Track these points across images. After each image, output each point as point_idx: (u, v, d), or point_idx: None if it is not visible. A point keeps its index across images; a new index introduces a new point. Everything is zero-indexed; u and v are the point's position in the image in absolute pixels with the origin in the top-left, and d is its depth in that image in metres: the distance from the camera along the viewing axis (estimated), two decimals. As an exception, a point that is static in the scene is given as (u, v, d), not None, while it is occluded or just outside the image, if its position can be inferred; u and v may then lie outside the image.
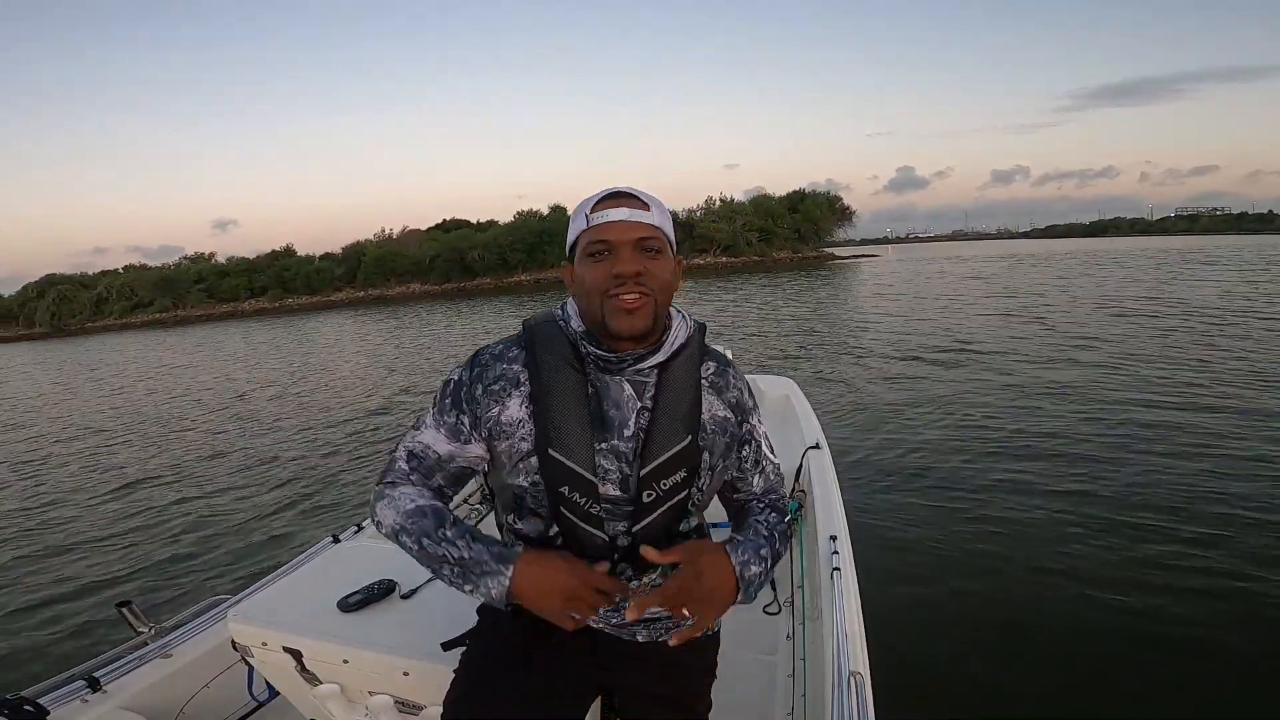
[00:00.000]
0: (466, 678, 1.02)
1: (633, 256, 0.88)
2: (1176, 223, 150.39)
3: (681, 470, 0.94)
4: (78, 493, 6.18)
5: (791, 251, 52.25)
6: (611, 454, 0.93)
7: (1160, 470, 4.32)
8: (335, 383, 11.13)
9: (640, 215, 0.89)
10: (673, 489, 0.95)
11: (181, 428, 8.77)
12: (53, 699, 1.36)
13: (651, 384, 0.95)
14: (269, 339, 22.85)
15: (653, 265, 0.89)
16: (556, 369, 0.93)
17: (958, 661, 2.58)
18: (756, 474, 1.06)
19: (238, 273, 54.54)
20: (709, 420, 0.98)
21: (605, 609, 1.00)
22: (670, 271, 0.92)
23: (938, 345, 9.90)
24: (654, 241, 0.90)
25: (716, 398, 1.00)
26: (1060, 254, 41.71)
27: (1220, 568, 3.12)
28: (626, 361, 0.93)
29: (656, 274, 0.89)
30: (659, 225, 0.91)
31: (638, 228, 0.89)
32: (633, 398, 0.94)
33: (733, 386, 1.02)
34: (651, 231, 0.90)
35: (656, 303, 0.90)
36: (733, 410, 1.01)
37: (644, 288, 0.88)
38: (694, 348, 0.99)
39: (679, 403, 0.95)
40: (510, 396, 0.93)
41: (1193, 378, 6.81)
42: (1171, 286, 16.64)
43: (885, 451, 5.07)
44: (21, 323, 52.54)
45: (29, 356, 28.75)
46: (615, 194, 0.91)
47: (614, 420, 0.93)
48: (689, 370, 0.97)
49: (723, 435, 0.99)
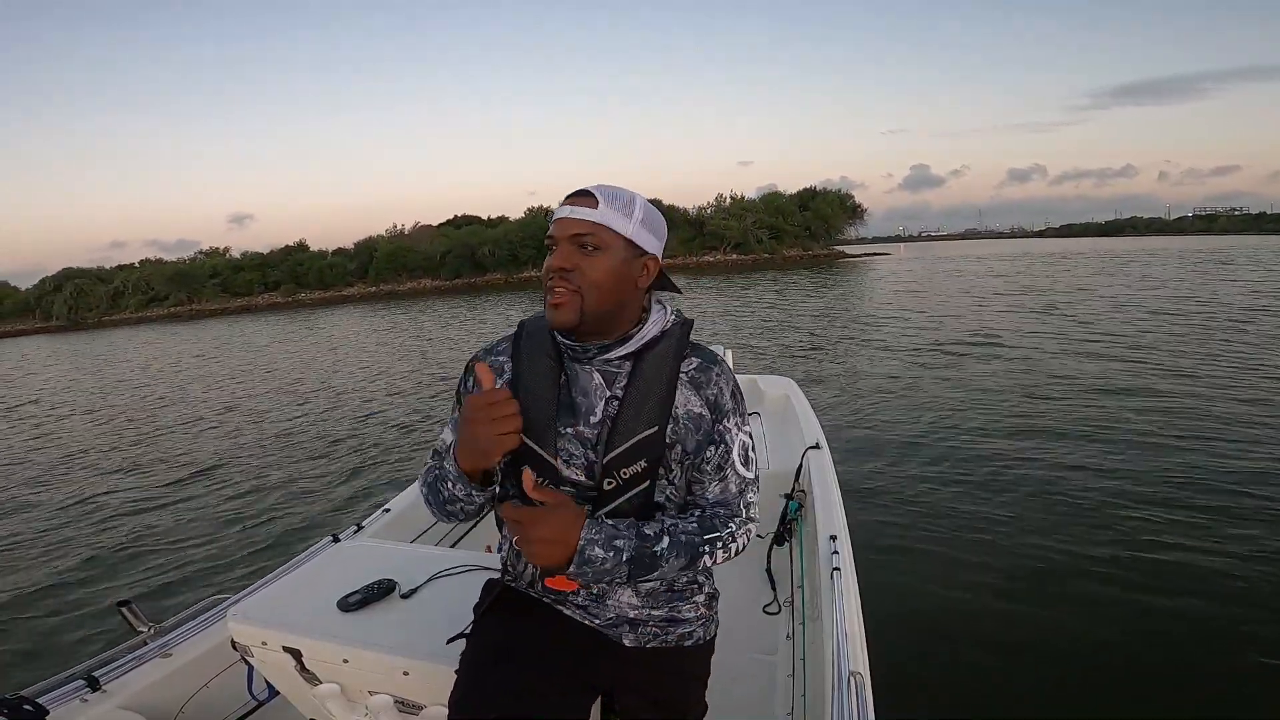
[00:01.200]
0: (469, 675, 1.02)
1: (564, 252, 0.91)
2: (1194, 223, 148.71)
3: (643, 460, 0.95)
4: (78, 492, 6.18)
5: (802, 249, 52.15)
6: (577, 439, 0.96)
7: (1161, 471, 4.31)
8: (336, 383, 11.11)
9: (581, 213, 0.91)
10: (633, 479, 0.96)
11: (180, 427, 8.73)
12: (52, 698, 1.36)
13: (623, 375, 0.97)
14: (282, 334, 23.03)
15: (584, 262, 0.91)
16: (534, 358, 0.99)
17: (958, 661, 2.58)
18: (715, 480, 1.00)
19: (251, 267, 55.08)
20: (683, 415, 0.98)
21: (584, 598, 1.04)
22: (606, 270, 0.91)
23: (939, 345, 9.91)
24: (590, 239, 0.91)
25: (694, 393, 0.99)
26: (1074, 253, 41.38)
27: (1225, 566, 3.11)
28: (591, 351, 0.96)
29: (587, 271, 0.91)
30: (600, 222, 0.91)
31: (575, 224, 0.91)
32: (601, 386, 0.97)
33: (713, 384, 0.99)
34: (588, 228, 0.91)
35: (584, 299, 0.91)
36: (710, 408, 0.99)
37: (569, 284, 0.91)
38: (672, 341, 0.99)
39: (648, 394, 0.96)
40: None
41: (1196, 372, 6.81)
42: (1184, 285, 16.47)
43: (886, 451, 5.07)
44: (38, 315, 53.27)
45: (45, 349, 29.12)
46: (577, 191, 0.93)
47: (580, 407, 0.97)
48: (664, 363, 0.98)
49: (696, 432, 0.98)
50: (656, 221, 0.97)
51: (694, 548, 0.95)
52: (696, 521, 0.98)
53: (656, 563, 0.93)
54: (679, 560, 0.94)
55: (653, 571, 0.93)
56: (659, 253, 0.98)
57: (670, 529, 0.96)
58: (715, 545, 0.97)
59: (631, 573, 0.92)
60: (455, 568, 1.39)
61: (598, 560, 0.89)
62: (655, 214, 0.97)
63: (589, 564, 0.89)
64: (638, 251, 0.95)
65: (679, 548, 0.94)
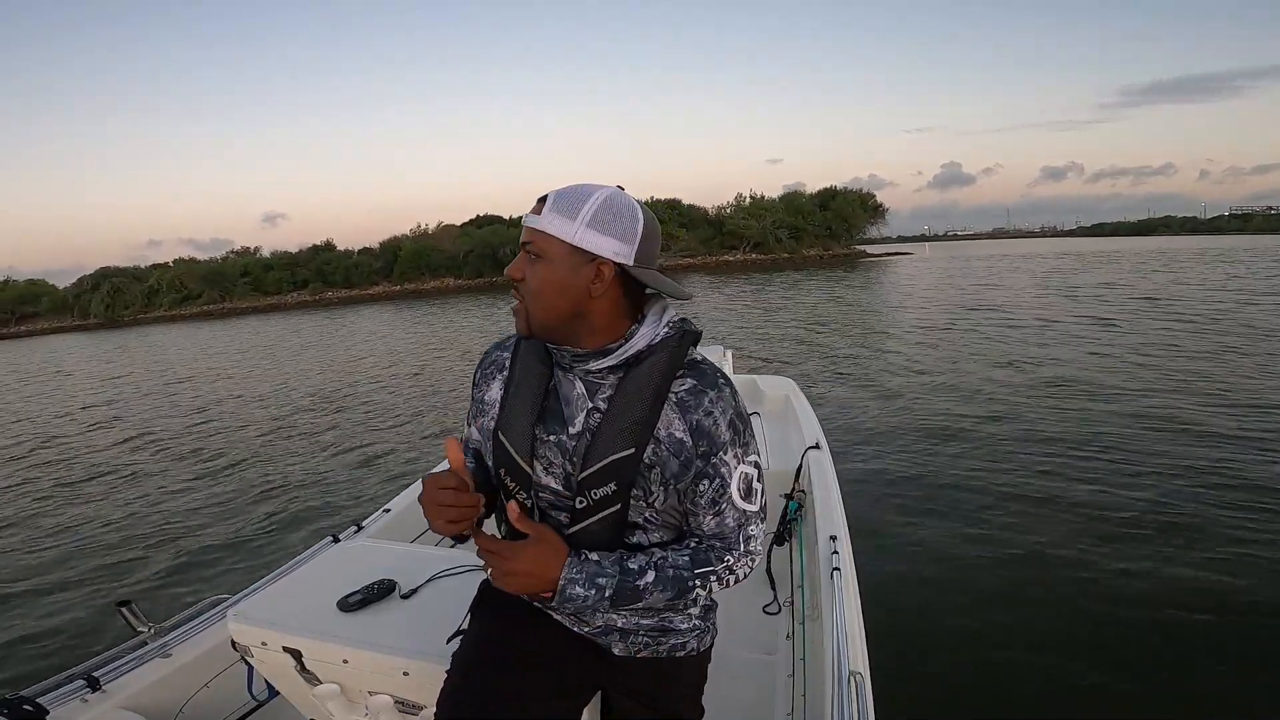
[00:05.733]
0: (459, 675, 1.02)
1: (516, 261, 0.89)
2: (1229, 222, 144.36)
3: (613, 482, 0.89)
4: (78, 491, 6.23)
5: (822, 249, 51.93)
6: (557, 448, 0.93)
7: (1163, 472, 4.26)
8: (338, 382, 11.15)
9: (529, 219, 0.88)
10: (603, 500, 0.90)
11: (180, 425, 8.76)
12: (52, 699, 1.37)
13: (608, 387, 0.92)
14: (310, 330, 23.40)
15: (529, 270, 0.88)
16: (528, 360, 0.98)
17: (958, 661, 2.58)
18: (710, 514, 0.93)
19: (281, 266, 56.30)
20: (665, 437, 0.89)
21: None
22: (542, 280, 0.87)
23: (940, 345, 9.86)
24: (533, 246, 0.87)
25: (679, 417, 0.89)
26: (1094, 253, 40.41)
27: (1227, 567, 3.07)
28: (572, 360, 0.93)
29: (530, 281, 0.88)
30: (538, 229, 0.86)
31: (526, 231, 0.88)
32: (583, 396, 0.93)
33: (703, 410, 0.89)
34: (529, 235, 0.88)
35: (529, 311, 0.89)
36: (694, 436, 0.89)
37: (519, 294, 0.89)
38: (664, 356, 0.90)
39: (627, 412, 0.89)
40: (494, 380, 1.02)
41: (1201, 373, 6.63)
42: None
43: (886, 451, 5.04)
44: (76, 313, 54.95)
45: (83, 347, 29.95)
46: (540, 197, 0.89)
47: (560, 415, 0.94)
48: (651, 380, 0.89)
49: (676, 458, 0.90)
50: (615, 221, 0.85)
51: (682, 582, 0.92)
52: (689, 555, 0.93)
53: (639, 595, 0.91)
54: (665, 594, 0.91)
55: (636, 603, 0.92)
56: (622, 256, 0.86)
57: (658, 563, 0.92)
58: (709, 579, 0.93)
59: (614, 604, 0.91)
60: (455, 568, 1.39)
61: (578, 598, 0.89)
62: (618, 213, 0.86)
63: (569, 601, 0.89)
64: (587, 257, 0.85)
65: (665, 582, 0.91)
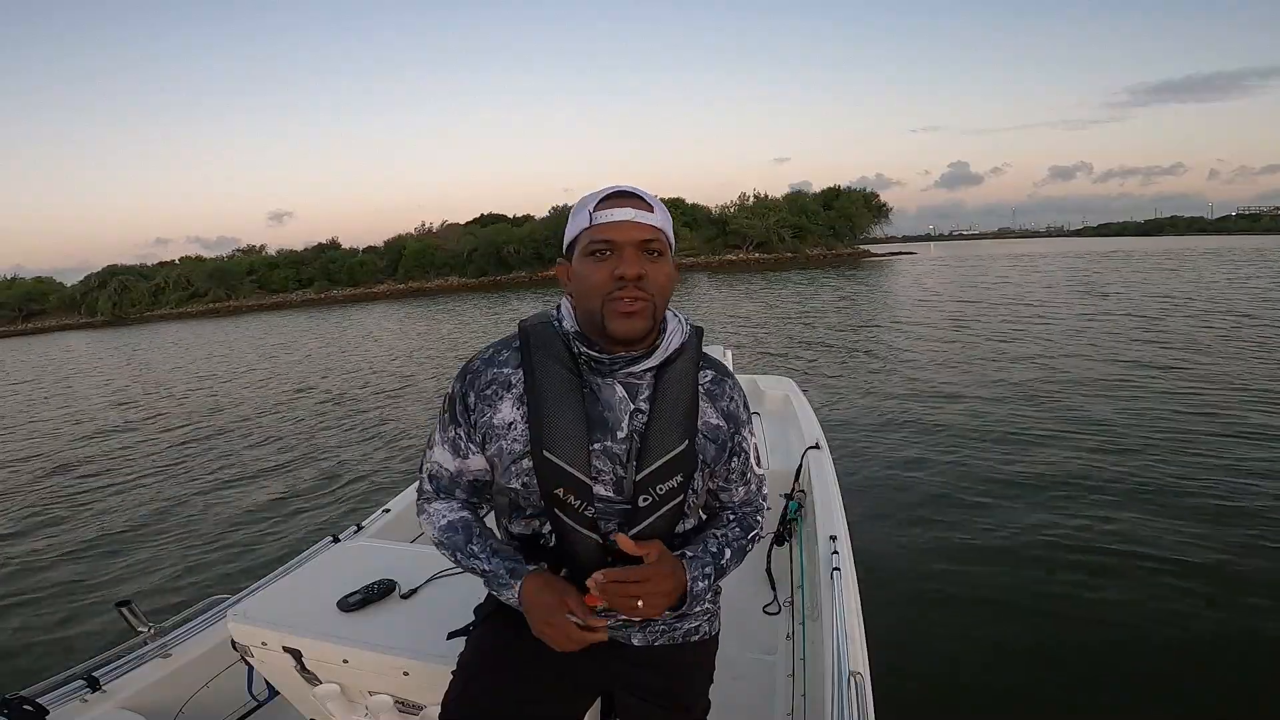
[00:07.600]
0: (464, 676, 1.03)
1: (635, 258, 0.87)
2: (1237, 222, 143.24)
3: (679, 475, 0.94)
4: (78, 490, 6.21)
5: (825, 248, 51.94)
6: (605, 455, 0.93)
7: (1164, 472, 4.24)
8: (338, 382, 11.14)
9: (644, 216, 0.88)
10: (669, 493, 0.95)
11: (179, 426, 8.70)
12: (52, 698, 1.37)
13: (645, 386, 0.94)
14: (315, 329, 23.44)
15: (653, 268, 0.88)
16: (550, 370, 0.93)
17: (958, 662, 2.56)
18: (740, 485, 1.06)
19: (286, 265, 56.66)
20: (703, 427, 0.97)
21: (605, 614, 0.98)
22: (668, 275, 0.91)
23: (940, 345, 9.84)
24: (656, 244, 0.89)
25: (711, 405, 0.99)
26: (1093, 253, 40.18)
27: (1230, 568, 3.05)
28: (619, 364, 0.92)
29: (656, 278, 0.89)
30: (661, 228, 0.90)
31: (642, 229, 0.88)
32: (625, 399, 0.94)
33: (727, 396, 1.01)
34: (654, 234, 0.89)
35: (655, 306, 0.89)
36: (725, 419, 1.00)
37: (644, 291, 0.87)
38: (691, 352, 0.98)
39: (676, 407, 0.94)
40: (502, 399, 0.94)
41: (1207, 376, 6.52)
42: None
43: (886, 451, 5.02)
44: (84, 311, 55.22)
45: (90, 345, 30.07)
46: (620, 193, 0.90)
47: (607, 422, 0.93)
48: (687, 375, 0.96)
49: (714, 443, 0.99)
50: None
51: (743, 550, 1.03)
52: (738, 525, 1.04)
53: (724, 573, 1.00)
54: (735, 564, 1.02)
55: (719, 580, 1.00)
56: None
57: (724, 540, 1.01)
58: (755, 540, 1.06)
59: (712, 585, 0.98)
60: (455, 568, 1.37)
61: (700, 594, 0.94)
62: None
63: (697, 599, 0.94)
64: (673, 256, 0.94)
65: (736, 554, 1.02)
